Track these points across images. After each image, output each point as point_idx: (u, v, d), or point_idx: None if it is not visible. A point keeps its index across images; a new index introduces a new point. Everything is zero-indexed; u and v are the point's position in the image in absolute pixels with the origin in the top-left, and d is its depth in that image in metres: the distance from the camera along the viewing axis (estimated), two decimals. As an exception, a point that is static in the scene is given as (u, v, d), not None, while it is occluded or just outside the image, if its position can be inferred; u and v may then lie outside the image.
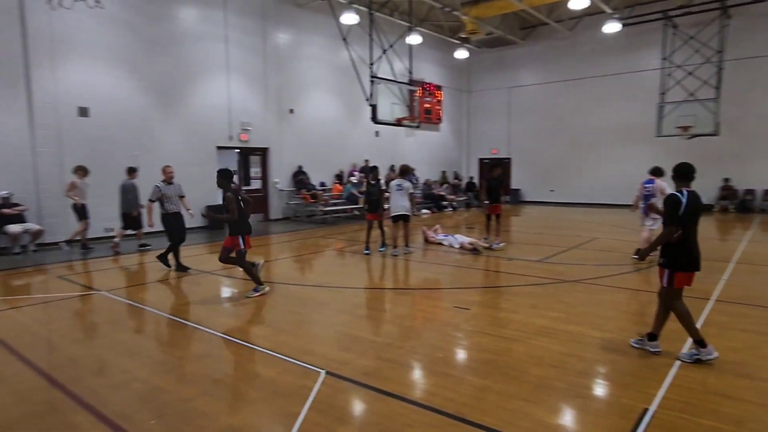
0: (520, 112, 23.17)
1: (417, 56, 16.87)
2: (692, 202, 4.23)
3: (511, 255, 9.65)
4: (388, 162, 20.20)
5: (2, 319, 5.87)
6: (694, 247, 4.30)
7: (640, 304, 6.32)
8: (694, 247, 4.30)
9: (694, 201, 4.25)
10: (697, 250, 4.33)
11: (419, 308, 6.34)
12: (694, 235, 4.31)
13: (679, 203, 4.21)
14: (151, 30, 12.68)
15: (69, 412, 3.54)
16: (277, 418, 3.43)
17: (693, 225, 4.28)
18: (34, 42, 10.64)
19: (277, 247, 11.74)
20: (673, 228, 4.23)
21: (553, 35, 21.11)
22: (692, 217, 4.25)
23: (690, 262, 4.28)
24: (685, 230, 4.24)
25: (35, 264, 9.33)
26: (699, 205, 4.30)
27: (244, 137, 15.02)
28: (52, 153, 11.04)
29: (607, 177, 20.55)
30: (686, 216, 4.21)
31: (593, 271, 8.05)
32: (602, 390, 3.91)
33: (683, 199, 4.22)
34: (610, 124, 20.57)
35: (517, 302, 6.46)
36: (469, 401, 3.62)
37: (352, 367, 4.27)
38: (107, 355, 4.75)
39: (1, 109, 10.40)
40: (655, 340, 4.50)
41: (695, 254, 4.29)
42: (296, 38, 16.43)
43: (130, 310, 6.26)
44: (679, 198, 4.23)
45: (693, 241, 4.30)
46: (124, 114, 12.24)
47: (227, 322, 5.70)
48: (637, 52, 19.68)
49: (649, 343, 4.52)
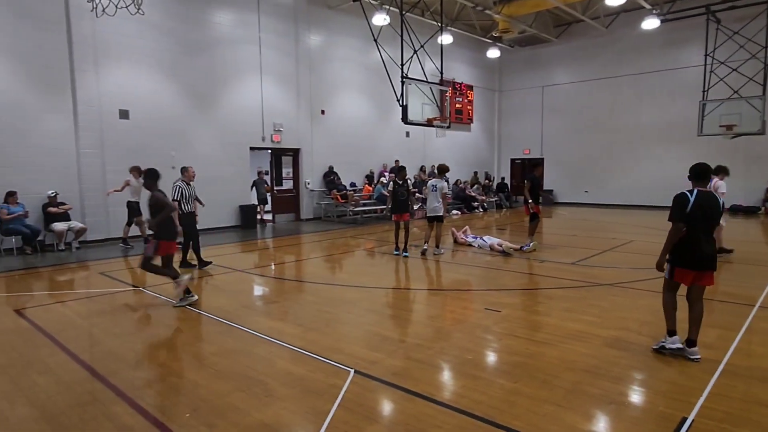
0: (554, 112, 22.73)
1: (448, 56, 16.76)
2: (701, 202, 4.26)
3: (543, 257, 9.47)
4: (419, 162, 20.18)
5: (49, 312, 6.17)
6: (698, 247, 4.28)
7: (679, 310, 6.08)
8: (698, 246, 4.28)
9: (703, 202, 4.27)
10: (703, 251, 4.28)
11: (449, 309, 6.30)
12: (701, 234, 4.29)
13: (686, 202, 4.28)
14: (188, 35, 13.05)
15: (109, 402, 3.68)
16: (307, 416, 3.48)
17: (700, 225, 4.28)
18: (79, 48, 11.12)
19: (307, 246, 11.88)
20: (679, 225, 4.30)
21: (589, 32, 20.61)
22: (699, 217, 4.26)
23: (691, 260, 4.31)
24: (690, 229, 4.28)
25: (78, 260, 9.74)
26: (711, 206, 4.29)
27: (277, 138, 15.28)
28: (94, 154, 11.52)
29: (644, 178, 19.93)
30: (692, 215, 4.25)
31: (629, 275, 7.81)
32: (638, 397, 3.79)
33: (691, 199, 4.27)
34: (649, 122, 19.93)
35: (550, 305, 6.34)
36: (498, 404, 3.58)
37: (381, 366, 4.28)
38: (144, 349, 4.92)
39: (49, 113, 10.92)
40: (694, 347, 4.34)
41: (698, 253, 4.28)
42: (327, 40, 16.60)
43: (166, 306, 6.46)
44: (687, 197, 4.30)
45: (699, 240, 4.28)
46: (161, 116, 12.65)
47: (258, 319, 5.81)
48: (677, 49, 19.00)
49: (688, 350, 4.36)
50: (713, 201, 4.32)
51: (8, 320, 5.83)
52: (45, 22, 10.71)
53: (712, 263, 4.32)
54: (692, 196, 4.28)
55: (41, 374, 4.22)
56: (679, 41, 18.84)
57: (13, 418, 3.47)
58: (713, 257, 4.34)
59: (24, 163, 10.62)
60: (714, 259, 4.35)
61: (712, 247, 4.34)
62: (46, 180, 10.87)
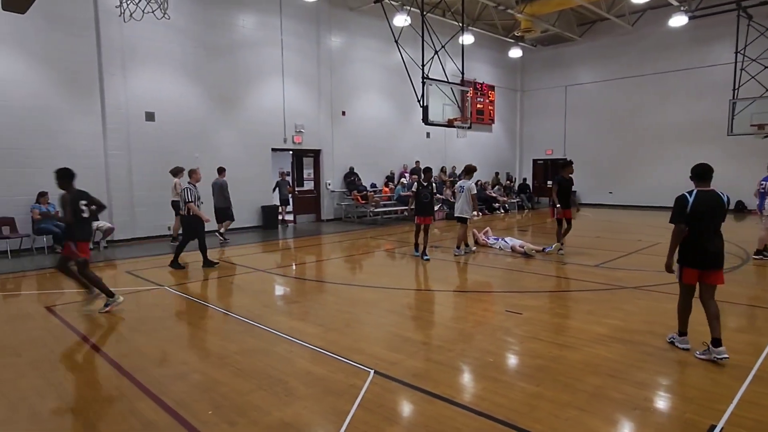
0: (577, 111, 22.38)
1: (469, 56, 16.65)
2: (702, 202, 4.34)
3: (566, 259, 9.33)
4: (439, 163, 20.11)
5: (78, 310, 6.33)
6: (701, 245, 4.36)
7: (697, 312, 5.91)
8: (701, 245, 4.36)
9: (704, 201, 4.35)
10: (707, 249, 4.35)
11: (470, 311, 6.26)
12: (703, 233, 4.36)
13: (685, 203, 4.39)
14: (212, 38, 13.28)
15: (134, 398, 3.77)
16: (327, 415, 3.49)
17: (703, 224, 4.35)
18: (108, 52, 11.42)
19: (328, 247, 11.95)
20: (680, 227, 4.42)
21: (614, 31, 20.25)
22: (700, 216, 4.34)
23: (696, 260, 4.39)
24: (694, 228, 4.37)
25: (106, 259, 9.99)
26: (713, 205, 4.36)
27: (298, 139, 15.41)
28: (121, 155, 11.81)
29: (671, 178, 19.33)
30: (693, 215, 4.35)
31: (655, 278, 7.63)
32: (664, 403, 3.70)
33: (690, 199, 4.37)
34: (676, 122, 19.45)
35: (572, 308, 6.24)
36: (520, 408, 3.54)
37: (401, 367, 4.28)
38: (168, 347, 5.01)
39: (79, 116, 11.24)
40: (720, 346, 4.25)
41: (702, 252, 4.36)
42: (348, 41, 16.68)
43: (189, 304, 6.58)
44: (686, 198, 4.40)
45: (703, 239, 4.36)
46: (186, 118, 12.89)
47: (279, 319, 5.86)
48: (705, 46, 18.50)
49: (714, 350, 4.26)
50: (715, 200, 4.37)
51: (39, 317, 6.02)
52: (75, 28, 11.03)
53: (717, 261, 4.36)
54: (691, 197, 4.37)
55: (70, 370, 4.35)
56: (708, 38, 18.33)
57: (44, 412, 3.58)
58: (718, 255, 4.37)
59: (55, 164, 10.81)
60: (719, 256, 4.37)
61: (717, 246, 4.37)
62: (76, 181, 11.13)
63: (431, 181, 9.69)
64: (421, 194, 9.46)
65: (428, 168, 9.85)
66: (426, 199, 9.45)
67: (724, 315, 4.65)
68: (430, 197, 9.52)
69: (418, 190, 9.52)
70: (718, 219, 4.40)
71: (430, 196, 9.49)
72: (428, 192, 9.48)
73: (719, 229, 4.45)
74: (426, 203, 9.46)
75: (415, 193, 9.63)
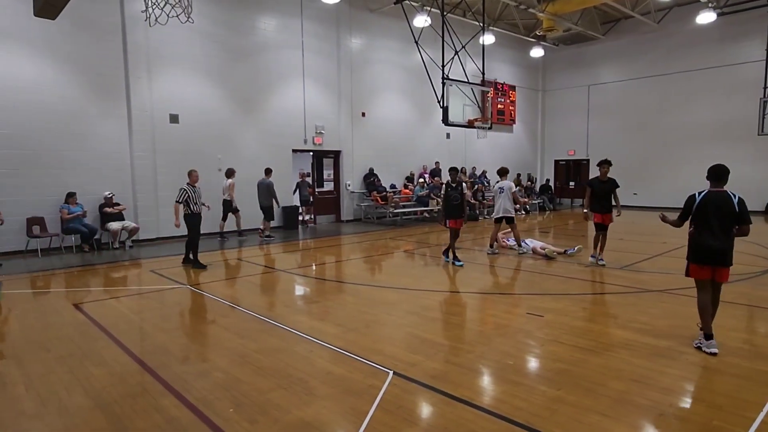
0: (600, 111, 22.00)
1: (490, 56, 16.53)
2: (710, 201, 4.58)
3: (588, 261, 9.17)
4: (459, 164, 19.97)
5: (104, 307, 6.50)
6: (707, 243, 4.56)
7: (736, 319, 5.76)
8: (708, 242, 4.56)
9: (713, 201, 4.57)
10: (710, 246, 4.54)
11: (490, 313, 6.21)
12: (707, 231, 4.58)
13: (692, 202, 4.71)
14: (234, 41, 13.47)
15: (157, 395, 3.84)
16: (346, 415, 3.50)
17: (709, 222, 4.57)
18: (134, 56, 11.69)
19: (347, 247, 11.99)
20: (679, 221, 4.88)
21: (638, 29, 19.86)
22: (707, 215, 4.58)
23: (698, 256, 4.63)
24: (699, 226, 4.64)
25: (131, 258, 10.21)
26: (720, 205, 4.55)
27: (318, 140, 15.51)
28: (146, 157, 12.06)
29: (698, 179, 18.65)
30: (698, 214, 4.63)
31: (681, 281, 7.41)
32: (690, 409, 3.61)
33: (697, 198, 4.66)
34: (703, 121, 18.96)
35: (595, 311, 6.13)
36: (540, 412, 3.49)
37: (420, 369, 4.27)
38: (191, 345, 5.10)
39: (106, 118, 11.53)
40: (710, 339, 4.56)
41: (707, 250, 4.57)
42: (368, 43, 16.73)
43: (211, 303, 6.68)
44: (694, 197, 4.70)
45: (708, 237, 4.57)
46: (208, 120, 13.10)
47: (299, 319, 5.91)
48: (734, 43, 18.00)
49: (705, 343, 4.55)
50: (723, 200, 4.56)
51: (67, 314, 6.19)
52: (102, 32, 11.32)
53: (719, 258, 4.54)
54: (700, 196, 4.65)
55: (96, 366, 4.46)
56: (737, 35, 17.83)
57: (71, 407, 3.68)
58: (721, 253, 4.53)
59: (83, 165, 11.26)
60: (723, 254, 4.53)
61: (720, 243, 4.53)
62: (103, 182, 11.48)
63: (459, 181, 9.14)
64: (451, 196, 9.01)
65: (454, 168, 9.27)
66: (456, 201, 8.98)
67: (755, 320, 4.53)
68: (460, 198, 9.01)
69: (447, 192, 9.12)
70: (727, 219, 4.54)
71: (459, 197, 9.00)
72: (457, 193, 9.00)
73: (728, 228, 4.56)
74: (456, 205, 8.99)
75: (444, 195, 9.32)
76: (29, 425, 3.43)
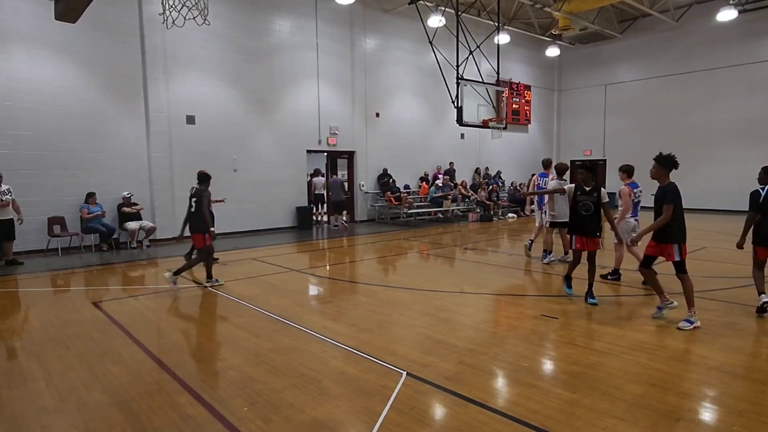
0: (617, 111, 21.69)
1: (505, 55, 16.44)
2: None
3: (604, 263, 9.03)
4: (473, 164, 19.92)
5: (122, 306, 6.61)
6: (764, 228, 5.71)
7: (758, 322, 5.63)
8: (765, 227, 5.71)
9: None
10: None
11: (504, 315, 6.16)
12: None
13: (758, 196, 5.77)
14: (249, 42, 13.58)
15: (174, 393, 3.89)
16: (359, 415, 3.51)
17: None
18: (151, 58, 11.86)
19: (361, 248, 12.01)
20: (751, 214, 5.81)
21: (657, 27, 19.54)
22: None
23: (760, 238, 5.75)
24: (763, 216, 5.71)
25: (148, 258, 10.36)
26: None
27: (332, 141, 15.57)
28: (163, 157, 12.23)
29: (719, 180, 18.56)
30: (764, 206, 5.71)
31: (701, 284, 7.31)
32: (710, 415, 3.54)
33: (762, 193, 5.73)
34: (724, 121, 18.57)
35: (611, 313, 6.05)
36: (555, 415, 3.45)
37: (433, 370, 4.25)
38: (206, 344, 5.15)
39: (124, 119, 11.72)
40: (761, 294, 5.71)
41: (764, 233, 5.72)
42: (382, 43, 16.74)
43: (226, 302, 6.74)
44: (759, 192, 5.77)
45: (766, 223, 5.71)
46: (224, 121, 13.23)
47: (313, 318, 5.93)
48: (757, 41, 17.60)
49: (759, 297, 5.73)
50: None
51: (87, 312, 6.30)
52: (121, 35, 11.51)
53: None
54: (764, 191, 5.70)
55: (115, 363, 4.53)
56: (760, 32, 17.43)
57: (90, 403, 3.75)
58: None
59: (102, 166, 11.46)
60: None
61: None
62: (121, 182, 11.67)
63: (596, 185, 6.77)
64: (583, 205, 6.58)
65: (585, 167, 6.86)
66: (588, 211, 6.56)
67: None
68: (594, 208, 6.60)
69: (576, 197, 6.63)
70: None
71: (592, 206, 6.59)
72: (591, 201, 6.59)
73: None
74: (587, 216, 6.56)
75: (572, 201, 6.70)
76: (49, 420, 3.50)
